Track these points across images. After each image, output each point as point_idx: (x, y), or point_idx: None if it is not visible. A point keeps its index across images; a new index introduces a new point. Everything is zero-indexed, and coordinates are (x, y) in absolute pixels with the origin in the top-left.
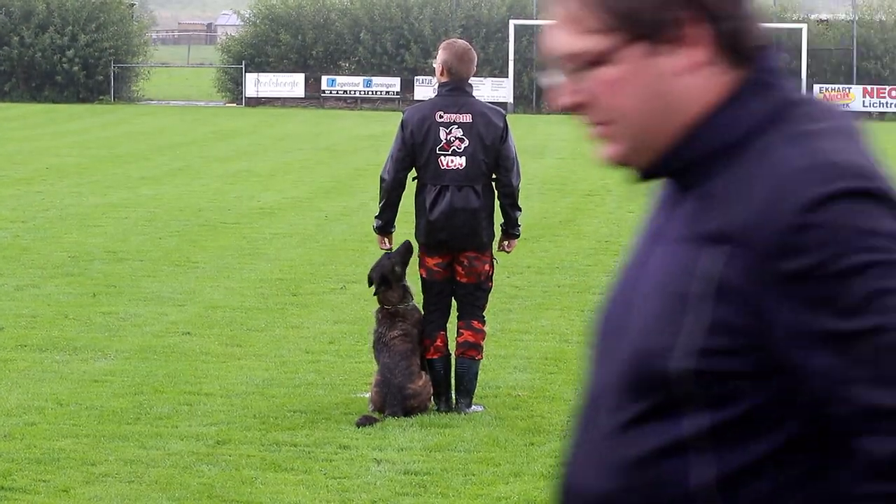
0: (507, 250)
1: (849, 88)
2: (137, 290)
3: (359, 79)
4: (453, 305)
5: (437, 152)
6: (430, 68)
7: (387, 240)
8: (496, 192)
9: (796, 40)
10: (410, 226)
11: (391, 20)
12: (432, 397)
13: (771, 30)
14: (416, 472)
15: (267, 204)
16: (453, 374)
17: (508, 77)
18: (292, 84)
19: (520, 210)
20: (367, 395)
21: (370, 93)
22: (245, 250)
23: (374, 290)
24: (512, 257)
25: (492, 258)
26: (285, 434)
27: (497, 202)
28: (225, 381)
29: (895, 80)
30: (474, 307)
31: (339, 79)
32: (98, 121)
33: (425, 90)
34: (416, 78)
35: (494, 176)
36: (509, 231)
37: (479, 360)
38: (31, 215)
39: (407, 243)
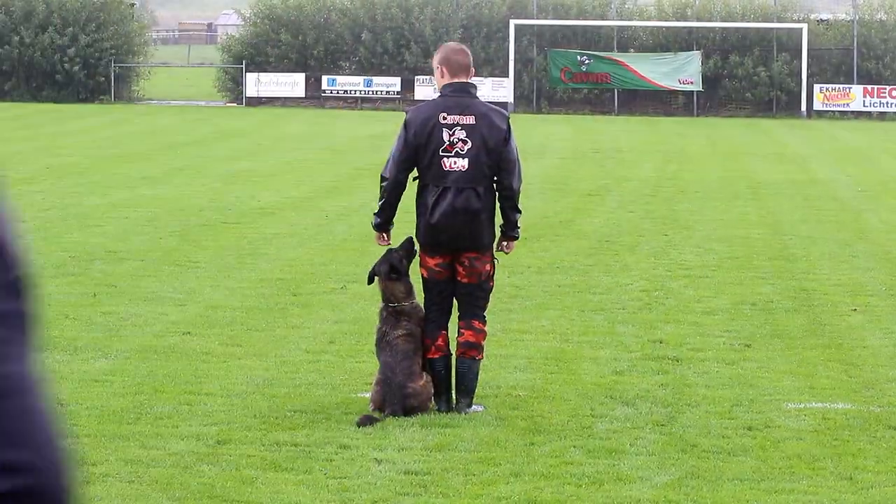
0: (505, 251)
1: (849, 88)
2: (138, 290)
3: (359, 79)
4: (454, 305)
5: (440, 154)
6: (431, 69)
7: (385, 235)
8: (497, 193)
9: (796, 40)
10: (410, 225)
11: (392, 20)
12: (433, 397)
13: (771, 30)
14: (417, 472)
15: (267, 204)
16: (454, 373)
17: (509, 77)
18: (293, 84)
19: (520, 212)
20: (368, 395)
21: (370, 93)
22: (245, 250)
23: (385, 276)
24: (512, 257)
25: (493, 258)
26: (286, 434)
27: (497, 203)
28: (225, 380)
29: (895, 80)
30: (475, 307)
31: (340, 79)
32: (98, 121)
33: (426, 90)
34: (416, 78)
35: (495, 178)
36: (508, 233)
37: (480, 359)
38: (32, 215)
39: (410, 239)
